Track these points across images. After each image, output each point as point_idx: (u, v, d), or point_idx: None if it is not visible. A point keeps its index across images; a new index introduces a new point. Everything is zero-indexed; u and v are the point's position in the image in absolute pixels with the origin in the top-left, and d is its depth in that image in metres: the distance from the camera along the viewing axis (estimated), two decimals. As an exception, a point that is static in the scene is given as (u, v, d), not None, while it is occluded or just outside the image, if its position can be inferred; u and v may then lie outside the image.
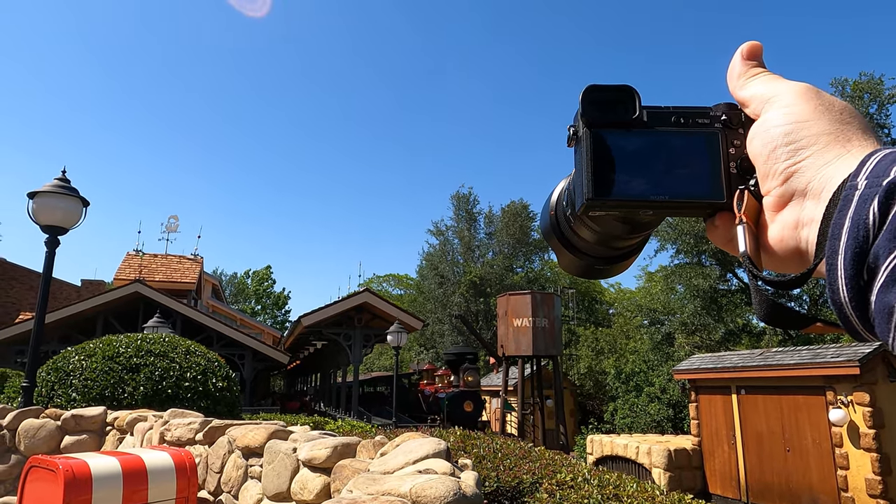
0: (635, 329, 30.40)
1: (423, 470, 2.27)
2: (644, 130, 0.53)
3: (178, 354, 8.46)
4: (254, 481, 4.07)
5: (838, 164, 0.45)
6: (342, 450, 3.44)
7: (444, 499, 1.72)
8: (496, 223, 38.03)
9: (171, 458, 4.13)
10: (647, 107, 0.54)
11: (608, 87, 0.53)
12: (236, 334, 22.14)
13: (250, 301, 61.19)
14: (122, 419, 5.97)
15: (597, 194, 0.51)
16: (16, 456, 5.97)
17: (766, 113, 0.51)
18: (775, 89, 0.51)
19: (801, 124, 0.48)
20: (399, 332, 17.23)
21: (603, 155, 0.52)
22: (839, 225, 0.40)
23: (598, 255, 0.61)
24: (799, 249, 0.47)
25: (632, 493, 3.96)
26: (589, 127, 0.53)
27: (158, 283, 25.11)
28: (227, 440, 4.38)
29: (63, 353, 8.34)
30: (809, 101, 0.49)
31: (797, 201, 0.47)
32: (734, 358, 15.69)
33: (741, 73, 0.54)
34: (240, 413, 9.28)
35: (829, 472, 12.64)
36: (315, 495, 3.41)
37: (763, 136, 0.50)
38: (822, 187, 0.45)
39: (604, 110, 0.53)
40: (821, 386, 12.98)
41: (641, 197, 0.52)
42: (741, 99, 0.54)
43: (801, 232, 0.46)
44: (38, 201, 7.80)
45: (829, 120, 0.47)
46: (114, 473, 3.79)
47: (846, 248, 0.39)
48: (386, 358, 49.20)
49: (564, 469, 4.46)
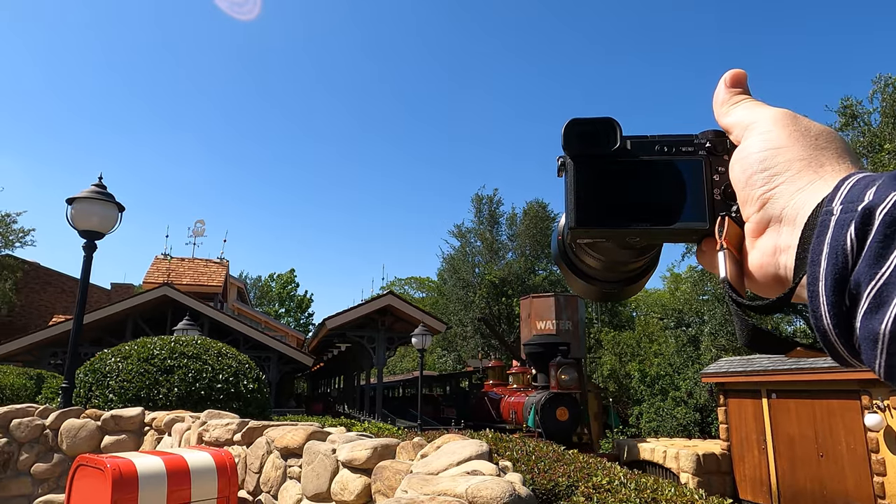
0: (660, 331, 30.05)
1: (470, 471, 2.29)
2: (627, 160, 0.55)
3: (210, 356, 8.61)
4: (293, 481, 4.12)
5: (811, 189, 0.45)
6: (382, 451, 3.47)
7: (501, 500, 1.73)
8: (518, 225, 37.93)
9: (213, 458, 4.20)
10: (630, 137, 0.56)
11: (589, 119, 0.55)
12: (262, 337, 22.42)
13: (274, 304, 61.89)
14: (159, 420, 6.10)
15: (579, 223, 0.53)
16: (58, 455, 6.13)
17: (745, 140, 0.51)
18: (754, 116, 0.52)
19: (776, 150, 0.48)
20: (424, 335, 17.29)
21: (586, 185, 0.54)
22: (818, 251, 0.40)
23: (607, 279, 0.62)
24: (778, 275, 0.47)
25: (670, 497, 3.93)
26: (572, 158, 0.55)
27: (186, 286, 25.55)
28: (266, 441, 4.45)
29: (99, 355, 8.54)
30: (785, 126, 0.49)
31: (774, 227, 0.47)
32: (764, 361, 15.41)
33: (724, 100, 0.55)
34: (270, 414, 9.41)
35: (864, 478, 12.34)
36: (356, 496, 3.44)
37: (741, 162, 0.51)
38: (797, 213, 0.45)
39: (586, 142, 0.55)
40: (855, 390, 12.68)
41: (624, 225, 0.53)
42: (725, 126, 0.55)
43: (780, 258, 0.47)
44: (76, 207, 8.01)
45: (804, 145, 0.48)
46: (158, 473, 3.88)
47: (826, 274, 0.39)
48: (408, 361, 49.34)
49: (600, 472, 4.44)
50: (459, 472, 2.40)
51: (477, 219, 38.77)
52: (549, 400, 15.50)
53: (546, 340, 17.87)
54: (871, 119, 20.08)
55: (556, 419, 15.36)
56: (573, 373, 15.89)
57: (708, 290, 25.63)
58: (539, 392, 16.61)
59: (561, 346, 16.72)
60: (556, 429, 15.04)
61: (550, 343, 17.35)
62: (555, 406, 15.48)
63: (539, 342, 17.85)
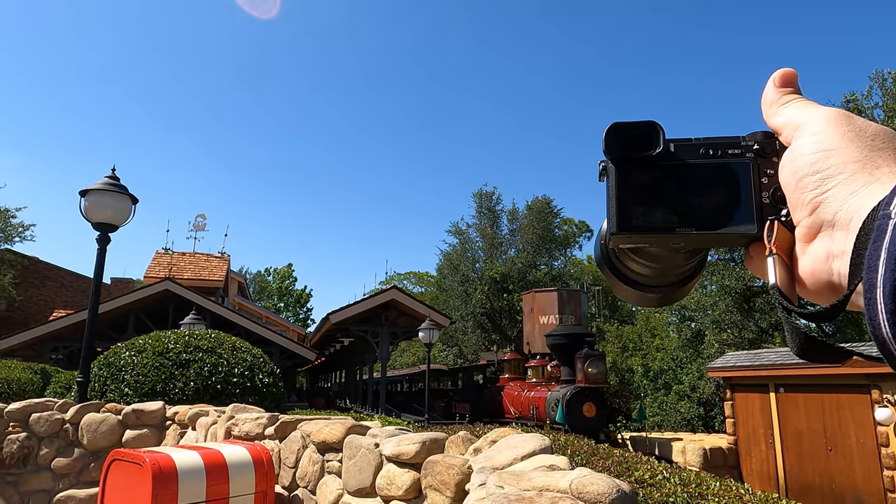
0: (662, 326, 30.10)
1: (549, 466, 2.22)
2: (670, 164, 0.54)
3: (224, 350, 8.52)
4: (332, 476, 4.05)
5: (865, 192, 0.43)
6: (431, 445, 3.40)
7: (609, 496, 1.66)
8: (519, 220, 37.88)
9: (249, 452, 4.13)
10: (674, 140, 0.54)
11: (631, 123, 0.54)
12: (265, 331, 22.34)
13: (272, 299, 61.73)
14: (182, 414, 6.01)
15: (621, 228, 0.52)
16: (79, 450, 6.04)
17: (795, 141, 0.50)
18: (806, 116, 0.50)
19: (829, 152, 0.46)
20: (431, 329, 17.24)
21: (627, 189, 0.53)
22: (875, 257, 0.38)
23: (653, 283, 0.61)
24: (831, 282, 0.46)
25: (716, 491, 3.88)
26: (613, 162, 0.54)
27: (187, 280, 25.41)
28: (301, 435, 4.37)
29: (113, 349, 8.44)
30: (838, 127, 0.47)
31: (826, 232, 0.46)
32: (772, 355, 15.42)
33: (774, 100, 0.53)
34: (284, 408, 9.32)
35: (874, 473, 12.36)
36: (404, 490, 3.37)
37: (791, 165, 0.49)
38: (850, 218, 0.43)
39: (628, 146, 0.54)
40: (865, 384, 12.69)
41: (667, 230, 0.52)
42: (774, 126, 0.53)
43: (833, 264, 0.45)
44: (89, 199, 7.90)
45: (858, 147, 0.46)
46: (197, 467, 3.80)
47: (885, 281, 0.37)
48: (408, 355, 49.34)
49: (641, 467, 4.38)
50: (534, 466, 2.33)
51: (478, 214, 38.72)
52: (575, 395, 14.40)
53: (571, 331, 16.59)
54: (875, 114, 20.09)
55: (582, 415, 14.30)
56: (601, 366, 14.77)
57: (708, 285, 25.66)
58: (563, 386, 15.49)
59: (587, 337, 15.66)
60: (583, 425, 13.89)
61: (576, 334, 16.09)
62: (581, 401, 14.41)
63: (563, 332, 16.51)
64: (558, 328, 17.94)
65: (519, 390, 17.90)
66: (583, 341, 15.35)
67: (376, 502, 3.62)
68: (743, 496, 3.86)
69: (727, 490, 3.94)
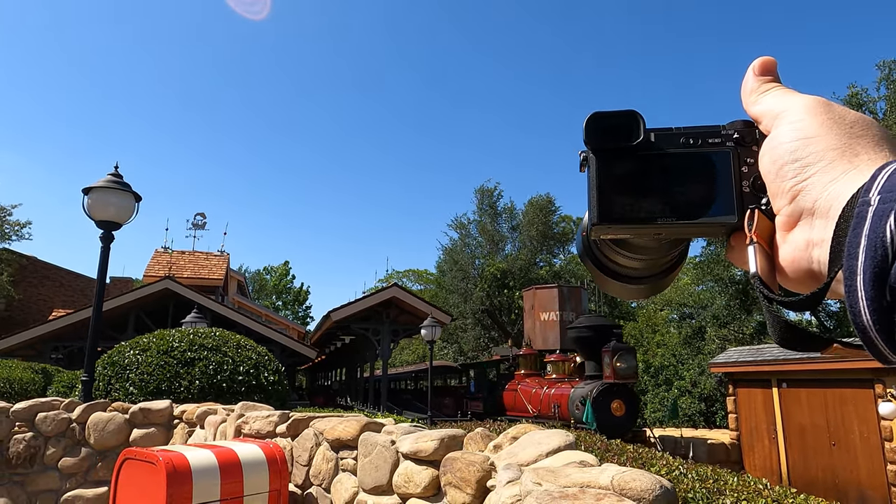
0: (663, 323, 30.12)
1: (578, 462, 2.19)
2: (650, 153, 0.53)
3: (229, 348, 8.47)
4: (346, 474, 4.02)
5: (845, 180, 0.43)
6: (449, 442, 3.37)
7: (652, 492, 1.63)
8: (519, 217, 37.86)
9: (262, 450, 4.09)
10: (654, 129, 0.54)
11: (611, 113, 0.54)
12: (265, 330, 22.29)
13: (271, 297, 61.65)
14: (190, 412, 5.97)
15: (601, 219, 0.52)
16: (86, 449, 6.00)
17: (775, 129, 0.50)
18: (785, 104, 0.50)
19: (808, 140, 0.46)
20: (433, 326, 17.20)
21: (608, 179, 0.53)
22: (855, 244, 0.38)
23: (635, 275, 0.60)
24: (811, 270, 0.45)
25: (735, 486, 3.85)
26: (593, 152, 0.54)
27: (187, 279, 25.33)
28: (314, 433, 4.33)
29: (118, 348, 8.39)
30: (818, 115, 0.47)
31: (806, 220, 0.45)
32: (774, 350, 15.43)
33: (753, 88, 0.53)
34: (289, 406, 9.28)
35: (878, 467, 12.38)
36: (423, 488, 3.34)
37: (771, 153, 0.49)
38: (830, 206, 0.43)
39: (608, 136, 0.53)
40: (868, 379, 12.71)
41: (648, 220, 0.52)
42: (754, 115, 0.53)
43: (813, 252, 0.45)
44: (92, 197, 7.84)
45: (837, 134, 0.46)
46: (210, 466, 3.76)
47: (864, 268, 0.37)
48: (407, 353, 49.33)
49: (657, 462, 4.36)
50: (563, 462, 2.29)
51: (479, 210, 38.69)
52: (602, 392, 13.23)
53: (597, 323, 15.23)
54: (877, 107, 20.08)
55: (610, 414, 13.10)
56: (631, 360, 13.42)
57: (708, 280, 25.68)
58: (588, 382, 14.32)
59: (615, 329, 14.41)
60: (611, 425, 12.73)
61: (603, 326, 14.80)
62: (609, 399, 13.20)
63: (589, 325, 15.08)
64: (582, 319, 16.38)
65: (537, 387, 16.80)
66: (610, 333, 14.08)
67: (393, 500, 3.59)
68: (762, 491, 3.83)
69: (745, 485, 3.91)
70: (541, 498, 1.54)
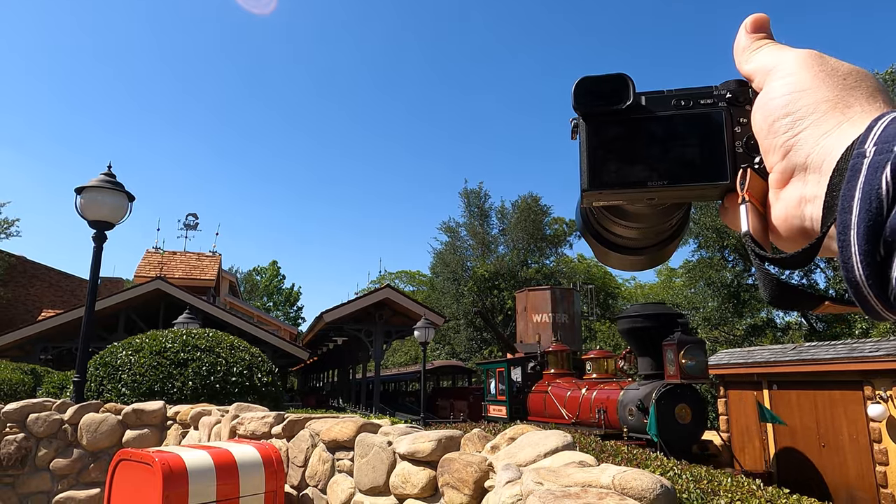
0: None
1: (578, 462, 2.20)
2: (641, 116, 0.52)
3: (223, 349, 8.44)
4: (343, 475, 4.02)
5: (838, 133, 0.42)
6: (447, 443, 3.37)
7: (653, 491, 1.65)
8: (508, 218, 37.92)
9: (258, 451, 4.08)
10: (645, 92, 0.53)
11: (600, 77, 0.53)
12: (257, 331, 22.19)
13: (262, 298, 61.40)
14: (184, 413, 5.94)
15: (592, 185, 0.51)
16: (78, 450, 5.95)
17: (767, 85, 0.48)
18: (777, 59, 0.49)
19: (800, 93, 0.45)
20: (427, 328, 17.19)
21: (599, 144, 0.52)
22: (848, 197, 0.36)
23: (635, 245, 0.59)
24: (804, 228, 0.45)
25: (729, 487, 3.88)
26: (584, 118, 0.53)
27: (178, 280, 25.18)
28: (310, 434, 4.33)
29: (110, 348, 8.33)
30: (810, 67, 0.46)
31: (799, 176, 0.44)
32: (765, 353, 15.56)
33: (745, 46, 0.52)
34: (283, 407, 9.25)
35: (867, 468, 12.50)
36: (420, 489, 3.35)
37: (763, 109, 0.48)
38: (823, 159, 0.42)
39: (597, 100, 0.52)
40: (858, 381, 12.83)
41: (640, 184, 0.51)
42: (746, 73, 0.52)
43: (805, 209, 0.44)
44: (85, 196, 7.79)
45: (830, 86, 0.44)
46: (207, 467, 3.75)
47: (859, 221, 0.35)
48: (399, 355, 49.24)
49: (651, 463, 4.39)
50: (562, 462, 2.31)
51: (467, 213, 38.70)
52: (664, 394, 10.68)
53: (656, 311, 12.44)
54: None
55: (675, 421, 10.66)
56: (701, 355, 10.83)
57: (699, 283, 25.83)
58: (645, 383, 11.89)
59: (679, 318, 11.66)
60: (676, 434, 10.50)
61: (664, 314, 12.02)
62: (673, 403, 10.72)
63: (645, 313, 12.25)
64: (634, 307, 13.46)
65: (574, 389, 14.31)
66: (674, 324, 11.31)
67: (390, 500, 3.59)
68: (755, 491, 3.87)
69: (739, 486, 3.95)
70: (543, 497, 1.56)
